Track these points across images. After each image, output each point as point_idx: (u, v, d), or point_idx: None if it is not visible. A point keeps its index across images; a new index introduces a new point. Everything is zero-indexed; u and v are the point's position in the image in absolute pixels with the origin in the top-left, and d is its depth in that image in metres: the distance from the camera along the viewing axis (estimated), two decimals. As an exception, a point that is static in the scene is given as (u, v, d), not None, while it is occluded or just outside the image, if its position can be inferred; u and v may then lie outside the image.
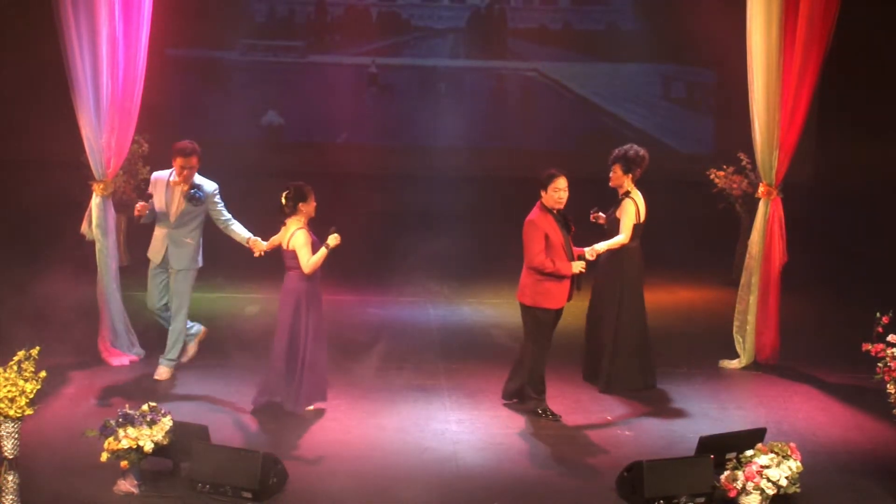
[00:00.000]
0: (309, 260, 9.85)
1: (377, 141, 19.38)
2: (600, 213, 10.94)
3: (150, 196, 10.62)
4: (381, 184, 18.26)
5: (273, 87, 19.93)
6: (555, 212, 9.98)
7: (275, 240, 10.19)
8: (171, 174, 10.61)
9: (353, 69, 20.00)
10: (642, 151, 10.67)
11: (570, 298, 10.14)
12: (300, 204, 9.92)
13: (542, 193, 9.95)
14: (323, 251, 9.88)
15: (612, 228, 10.68)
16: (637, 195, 10.70)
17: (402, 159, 19.09)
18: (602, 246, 10.44)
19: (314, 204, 10.03)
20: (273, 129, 19.72)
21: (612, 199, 10.76)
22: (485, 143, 19.45)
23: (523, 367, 10.26)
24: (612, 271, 10.72)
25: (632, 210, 10.63)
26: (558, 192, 9.89)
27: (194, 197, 10.52)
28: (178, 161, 10.48)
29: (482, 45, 20.24)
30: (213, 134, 18.29)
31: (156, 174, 10.80)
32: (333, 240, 9.91)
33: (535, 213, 9.99)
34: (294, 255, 9.90)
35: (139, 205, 10.51)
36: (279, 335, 10.06)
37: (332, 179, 17.35)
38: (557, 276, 9.93)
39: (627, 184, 10.68)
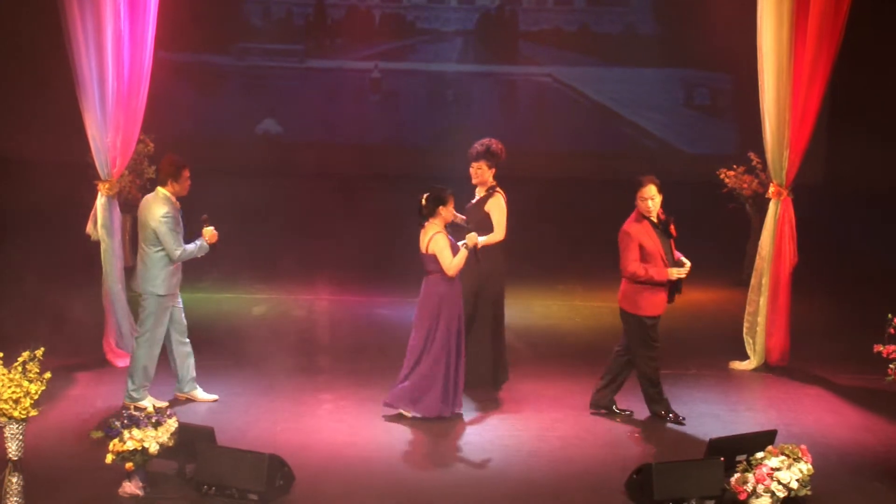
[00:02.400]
0: (451, 262, 9.84)
1: (381, 143, 19.22)
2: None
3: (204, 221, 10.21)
4: (385, 184, 18.23)
5: (270, 94, 19.60)
6: (653, 219, 9.90)
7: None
8: (169, 195, 10.04)
9: (354, 75, 19.71)
10: (501, 144, 10.64)
11: (670, 301, 10.03)
12: (440, 207, 9.90)
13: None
14: (463, 252, 9.88)
15: (478, 226, 10.48)
16: (500, 190, 10.67)
17: (404, 160, 18.92)
18: (483, 239, 10.25)
19: (453, 209, 10.02)
20: (270, 137, 19.45)
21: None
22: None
23: (618, 380, 10.22)
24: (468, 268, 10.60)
25: (503, 205, 10.56)
26: (645, 201, 9.81)
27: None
28: (186, 173, 10.10)
29: (492, 48, 19.92)
30: (207, 139, 18.20)
31: (172, 202, 10.05)
32: (472, 239, 9.92)
33: (628, 222, 9.91)
34: (433, 258, 9.89)
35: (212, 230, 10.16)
36: (418, 339, 10.02)
37: (336, 181, 17.41)
38: (654, 284, 9.85)
39: (491, 179, 10.63)
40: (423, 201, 9.93)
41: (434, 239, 9.88)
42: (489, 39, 19.84)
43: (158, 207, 9.98)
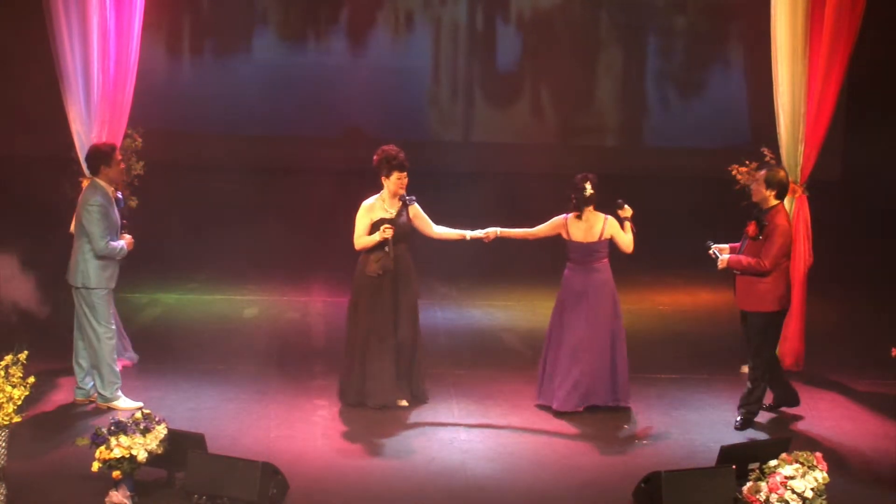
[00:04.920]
0: (629, 239, 10.33)
1: (375, 138, 19.01)
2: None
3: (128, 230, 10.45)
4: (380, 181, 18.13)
5: (257, 88, 19.31)
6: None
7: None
8: (102, 185, 10.17)
9: (345, 66, 19.39)
10: None
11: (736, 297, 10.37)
12: (596, 194, 10.30)
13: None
14: (629, 226, 10.28)
15: (407, 236, 10.54)
16: None
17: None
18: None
19: None
20: (257, 133, 19.22)
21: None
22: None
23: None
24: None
25: None
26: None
27: (120, 199, 10.51)
28: (118, 156, 10.34)
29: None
30: (194, 134, 18.12)
31: (105, 191, 10.20)
32: (628, 211, 10.35)
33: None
34: (605, 244, 10.35)
35: None
36: (603, 330, 10.38)
37: (327, 175, 17.39)
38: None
39: None
40: (592, 188, 10.25)
41: (610, 222, 10.34)
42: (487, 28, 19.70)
43: (90, 195, 10.14)
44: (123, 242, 10.24)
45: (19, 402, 7.91)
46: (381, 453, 9.54)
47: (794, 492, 8.20)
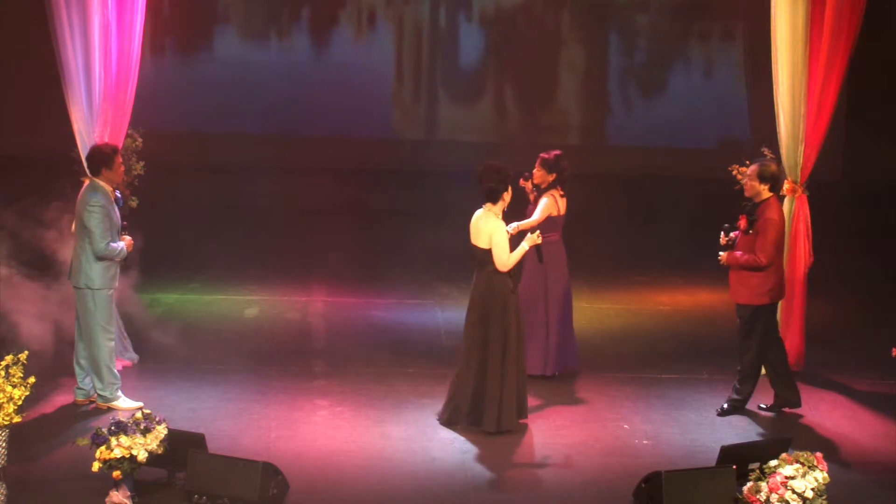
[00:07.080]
0: None
1: (375, 134, 19.01)
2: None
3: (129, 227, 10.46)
4: (386, 180, 18.19)
5: (259, 87, 19.31)
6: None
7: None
8: (102, 185, 10.16)
9: (346, 64, 19.45)
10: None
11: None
12: None
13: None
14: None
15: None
16: None
17: (403, 153, 18.74)
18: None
19: None
20: (258, 132, 19.20)
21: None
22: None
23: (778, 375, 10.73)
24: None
25: None
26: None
27: (119, 199, 10.53)
28: (119, 159, 10.34)
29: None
30: (195, 134, 18.11)
31: (105, 192, 10.20)
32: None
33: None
34: None
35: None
36: (568, 303, 11.35)
37: (330, 175, 17.43)
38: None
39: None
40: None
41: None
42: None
43: (90, 195, 10.12)
44: (123, 244, 10.24)
45: (19, 402, 7.92)
46: (382, 453, 9.54)
47: (794, 492, 8.21)
